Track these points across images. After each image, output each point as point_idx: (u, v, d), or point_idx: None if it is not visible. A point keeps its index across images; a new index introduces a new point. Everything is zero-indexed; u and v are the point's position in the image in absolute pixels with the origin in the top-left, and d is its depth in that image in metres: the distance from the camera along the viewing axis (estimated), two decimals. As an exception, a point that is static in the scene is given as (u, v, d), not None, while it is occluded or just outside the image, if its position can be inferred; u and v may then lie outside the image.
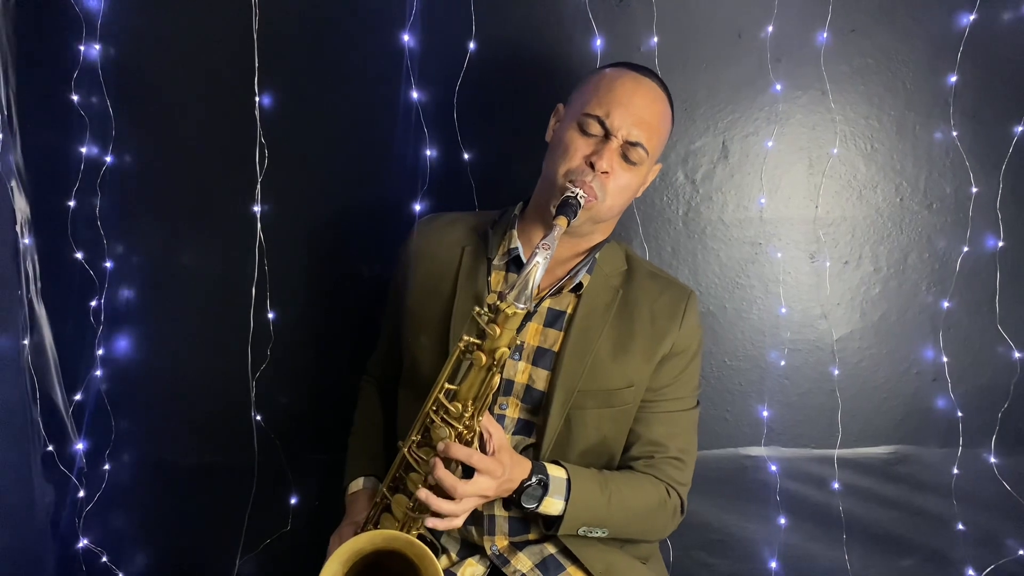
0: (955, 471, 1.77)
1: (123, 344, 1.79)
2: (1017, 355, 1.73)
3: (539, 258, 1.09)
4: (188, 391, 1.80)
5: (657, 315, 1.33)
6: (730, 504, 1.79)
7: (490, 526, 1.31)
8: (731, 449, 1.78)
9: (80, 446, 1.79)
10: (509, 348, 1.11)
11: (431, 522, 1.14)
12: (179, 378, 1.80)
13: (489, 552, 1.32)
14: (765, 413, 1.78)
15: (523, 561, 1.30)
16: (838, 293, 1.76)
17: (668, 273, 1.44)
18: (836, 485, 1.78)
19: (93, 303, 1.77)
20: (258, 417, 1.77)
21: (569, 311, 1.32)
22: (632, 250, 1.43)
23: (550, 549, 1.32)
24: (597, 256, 1.35)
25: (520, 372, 1.30)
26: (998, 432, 1.75)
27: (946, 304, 1.75)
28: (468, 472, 1.15)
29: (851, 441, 1.78)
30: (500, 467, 1.14)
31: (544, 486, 1.22)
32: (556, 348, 1.30)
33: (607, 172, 1.25)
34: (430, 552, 1.06)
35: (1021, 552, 1.76)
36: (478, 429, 1.14)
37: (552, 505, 1.23)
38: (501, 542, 1.32)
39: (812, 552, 1.80)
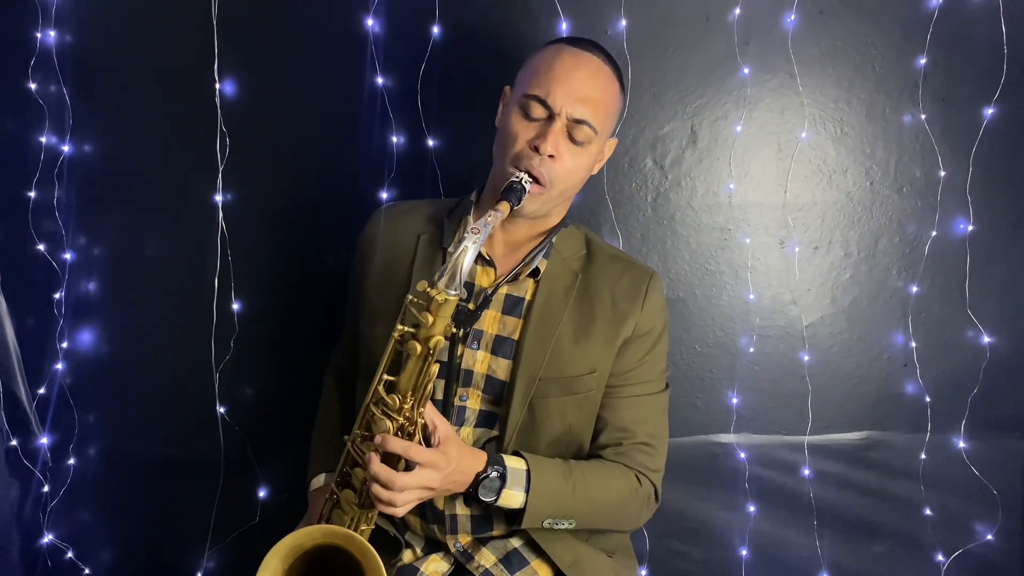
0: (925, 456, 1.76)
1: (86, 337, 1.76)
2: (986, 340, 1.73)
3: (468, 243, 1.05)
4: (152, 384, 1.78)
5: (618, 298, 1.29)
6: (702, 492, 1.78)
7: (452, 525, 1.29)
8: (701, 436, 1.77)
9: (44, 440, 1.77)
10: (445, 336, 1.08)
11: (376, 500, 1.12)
12: (143, 371, 1.78)
13: (453, 549, 1.30)
14: (735, 400, 1.76)
15: (487, 556, 1.29)
16: (808, 279, 1.75)
17: (631, 256, 1.41)
18: (807, 472, 1.77)
19: (56, 295, 1.74)
20: (223, 410, 1.75)
21: (528, 297, 1.29)
22: (592, 234, 1.40)
23: (514, 543, 1.31)
24: (554, 240, 1.32)
25: (479, 362, 1.28)
26: (967, 417, 1.74)
27: (916, 289, 1.74)
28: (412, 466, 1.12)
29: (822, 427, 1.77)
30: (444, 459, 1.12)
31: (502, 477, 1.19)
32: (516, 336, 1.27)
33: (553, 156, 1.21)
34: (371, 548, 1.04)
35: (989, 537, 1.76)
36: (420, 421, 1.12)
37: (512, 497, 1.20)
38: (464, 539, 1.31)
39: (784, 539, 1.79)
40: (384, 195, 1.71)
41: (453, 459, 1.13)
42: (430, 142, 1.69)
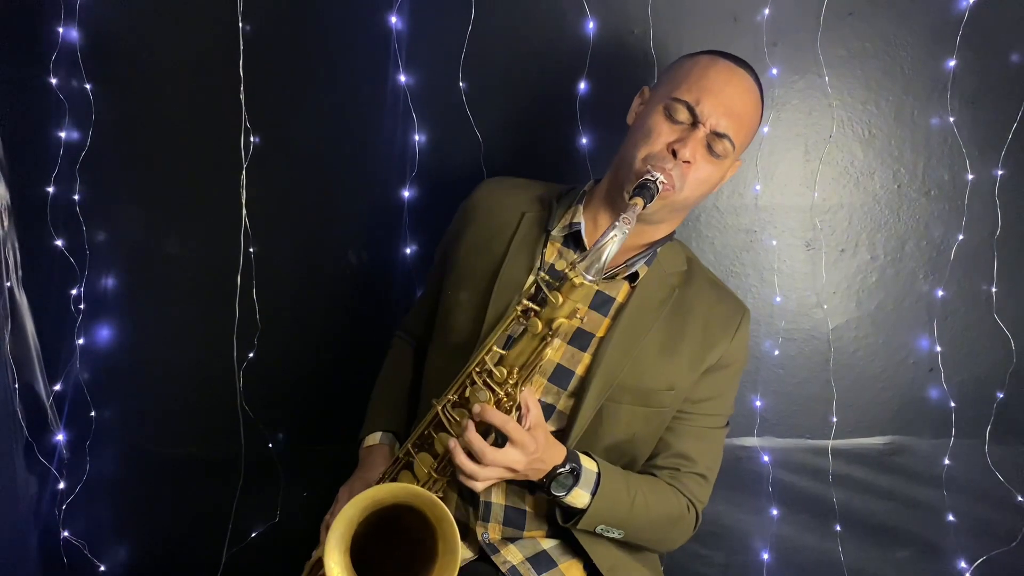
0: (950, 462, 1.75)
1: (104, 333, 1.75)
2: (1013, 345, 1.71)
3: (616, 232, 1.06)
4: (172, 381, 1.77)
5: (711, 323, 1.29)
6: (724, 495, 1.76)
7: (485, 512, 1.28)
8: (725, 439, 1.76)
9: (61, 437, 1.76)
10: (568, 319, 1.07)
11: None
12: (163, 368, 1.77)
13: (479, 538, 1.29)
14: (759, 403, 1.75)
15: (514, 553, 1.28)
16: (834, 282, 1.74)
17: (727, 286, 1.40)
18: (830, 476, 1.76)
19: (74, 291, 1.73)
20: (245, 407, 1.74)
21: (620, 300, 1.28)
22: (694, 255, 1.39)
23: (544, 545, 1.29)
24: (659, 251, 1.31)
25: (555, 350, 1.26)
26: (993, 423, 1.73)
27: (942, 293, 1.72)
28: (501, 443, 1.11)
29: (846, 432, 1.76)
30: (534, 443, 1.11)
31: (576, 476, 1.18)
32: (599, 333, 1.26)
33: (689, 162, 1.21)
34: (450, 514, 1.02)
35: (1014, 544, 1.75)
36: (518, 400, 1.11)
37: (579, 497, 1.20)
38: (494, 533, 1.29)
39: (806, 543, 1.78)
40: (406, 194, 1.70)
41: (540, 446, 1.12)
42: (457, 140, 1.68)
